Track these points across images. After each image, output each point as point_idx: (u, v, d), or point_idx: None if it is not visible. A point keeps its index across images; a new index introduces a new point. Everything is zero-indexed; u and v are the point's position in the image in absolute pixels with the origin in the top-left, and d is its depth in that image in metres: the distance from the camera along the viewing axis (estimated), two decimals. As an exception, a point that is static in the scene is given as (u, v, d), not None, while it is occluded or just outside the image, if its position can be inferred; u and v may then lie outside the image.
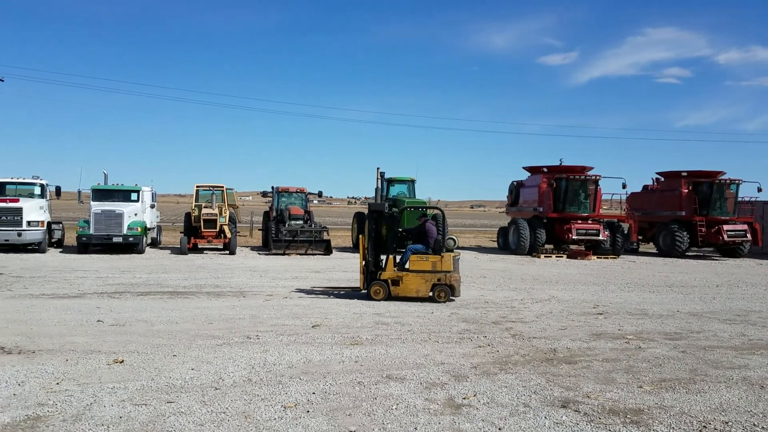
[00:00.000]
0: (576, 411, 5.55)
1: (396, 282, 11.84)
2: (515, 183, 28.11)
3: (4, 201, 19.94)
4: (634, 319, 10.46)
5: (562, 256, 24.22)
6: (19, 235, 19.67)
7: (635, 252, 28.01)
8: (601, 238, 24.43)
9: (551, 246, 25.29)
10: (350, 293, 12.65)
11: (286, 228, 22.68)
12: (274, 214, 24.63)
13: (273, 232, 23.18)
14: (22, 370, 6.33)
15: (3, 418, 4.94)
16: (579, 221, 24.66)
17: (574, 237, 24.29)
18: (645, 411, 5.60)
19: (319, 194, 28.09)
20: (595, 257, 24.04)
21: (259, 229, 28.29)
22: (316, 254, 22.35)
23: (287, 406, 5.44)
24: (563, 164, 26.06)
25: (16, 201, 20.12)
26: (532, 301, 12.38)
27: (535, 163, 26.93)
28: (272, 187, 25.99)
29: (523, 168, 27.58)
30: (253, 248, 25.52)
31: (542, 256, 23.89)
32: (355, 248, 25.68)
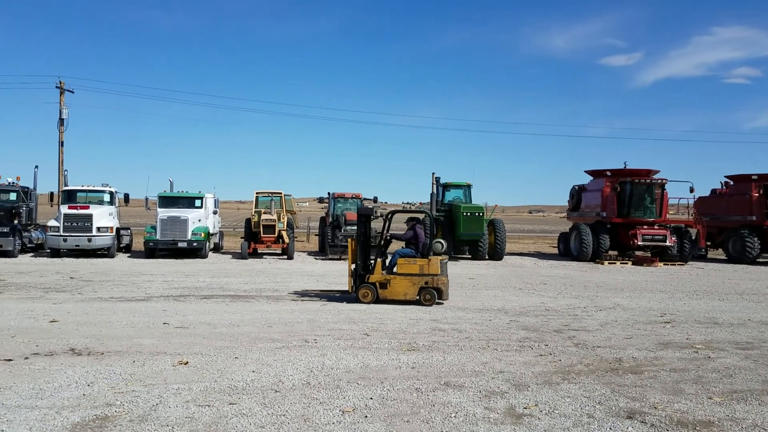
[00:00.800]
0: (642, 422, 5.34)
1: (384, 285, 11.88)
2: (577, 187, 27.44)
3: (75, 208, 20.88)
4: (703, 328, 10.00)
5: (626, 263, 23.48)
6: (90, 240, 20.57)
7: (703, 258, 26.86)
8: (667, 244, 23.55)
9: (615, 252, 24.57)
10: (333, 297, 12.58)
11: (342, 233, 22.87)
12: (331, 219, 24.90)
13: (329, 237, 23.45)
14: (91, 371, 6.58)
15: (73, 418, 5.14)
16: (644, 226, 23.86)
17: (639, 243, 23.51)
18: (715, 423, 5.35)
19: (375, 200, 28.21)
20: (661, 264, 23.19)
21: (315, 235, 28.68)
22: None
23: (345, 411, 5.44)
24: (627, 167, 25.27)
25: (87, 208, 21.05)
26: (596, 309, 12.02)
27: (597, 166, 26.26)
28: (328, 193, 26.30)
29: (585, 172, 26.93)
30: (310, 253, 25.85)
31: (606, 262, 23.22)
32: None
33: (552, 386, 6.41)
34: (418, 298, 11.77)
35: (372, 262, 12.15)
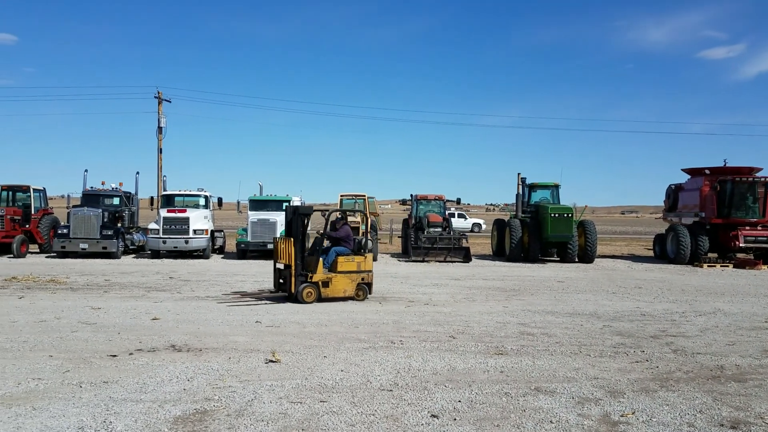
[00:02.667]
0: (750, 435, 5.00)
1: (326, 283, 11.94)
2: (673, 186, 26.09)
3: (174, 212, 22.03)
4: (819, 337, 9.25)
5: (727, 266, 22.09)
6: (186, 242, 21.63)
7: (816, 262, 24.80)
8: (773, 245, 21.96)
9: (715, 254, 23.17)
10: (266, 297, 12.45)
11: (425, 235, 22.86)
12: (413, 221, 24.94)
13: (412, 239, 23.47)
14: (190, 366, 6.92)
15: (174, 411, 5.42)
16: (747, 227, 22.37)
17: (741, 245, 22.08)
18: (837, 441, 4.93)
19: (458, 201, 28.01)
20: (765, 267, 21.67)
21: (398, 237, 28.80)
22: (455, 261, 22.28)
23: (434, 413, 5.43)
24: (728, 165, 23.78)
25: (184, 211, 22.15)
26: (695, 314, 11.38)
27: (695, 165, 24.84)
28: (411, 195, 26.35)
29: (683, 170, 25.56)
30: (392, 255, 26.01)
31: (705, 265, 21.94)
32: (495, 256, 25.29)
33: (649, 394, 6.13)
34: (353, 294, 12.11)
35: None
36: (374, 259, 22.53)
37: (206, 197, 23.86)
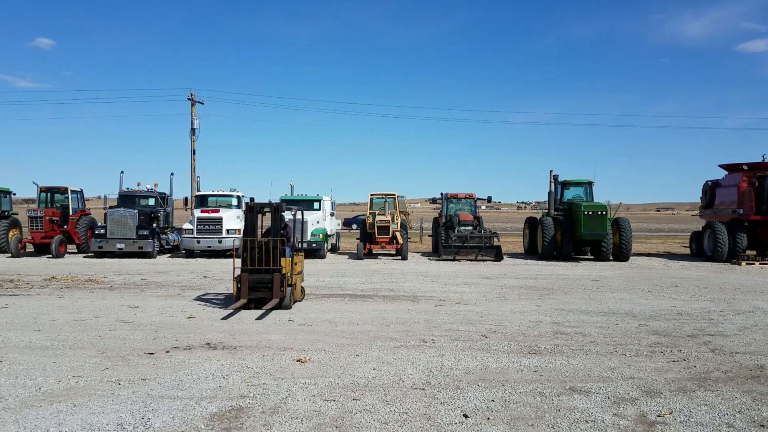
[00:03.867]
0: (796, 439, 4.87)
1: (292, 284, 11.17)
2: (710, 183, 25.50)
3: (207, 212, 22.38)
4: None
5: (766, 263, 21.49)
6: (220, 242, 21.95)
7: None
8: (816, 242, 21.29)
9: (753, 252, 22.57)
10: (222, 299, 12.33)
11: (456, 234, 22.76)
12: (444, 220, 24.86)
13: (443, 238, 23.40)
14: (225, 364, 7.02)
15: (211, 408, 5.51)
16: (787, 224, 21.71)
17: (781, 242, 21.44)
18: None
19: (488, 200, 27.81)
20: (809, 265, 21.01)
21: (429, 235, 28.75)
22: (486, 260, 22.14)
23: (467, 413, 5.42)
24: (766, 161, 23.13)
25: (217, 212, 22.49)
26: (734, 312, 11.11)
27: (733, 160, 24.21)
28: (441, 194, 26.28)
29: (720, 166, 24.95)
30: (423, 254, 25.97)
31: (743, 263, 21.39)
32: (527, 254, 25.06)
33: (687, 393, 6.01)
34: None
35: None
36: (404, 258, 22.60)
37: (238, 197, 24.16)
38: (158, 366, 6.94)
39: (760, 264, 21.42)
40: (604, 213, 21.97)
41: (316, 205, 23.68)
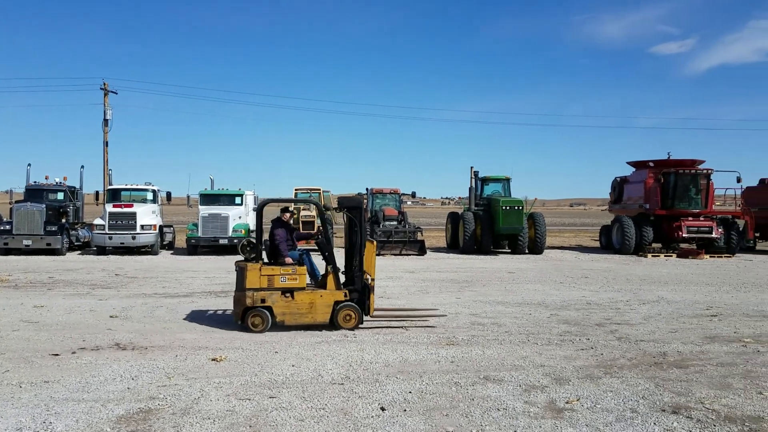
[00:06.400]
0: (688, 417, 5.19)
1: None
2: (618, 179, 26.85)
3: (120, 206, 21.42)
4: (751, 321, 9.68)
5: (671, 256, 22.87)
6: (134, 238, 21.06)
7: (752, 250, 25.99)
8: (714, 235, 22.87)
9: (659, 245, 23.96)
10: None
11: (381, 229, 22.89)
12: (369, 215, 24.93)
13: (368, 232, 23.45)
14: (135, 365, 6.74)
15: (118, 411, 5.27)
16: (689, 218, 23.20)
17: (684, 235, 22.89)
18: (765, 419, 5.18)
19: (413, 195, 28.15)
20: (707, 256, 22.52)
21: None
22: (410, 254, 22.39)
23: (384, 405, 5.44)
24: (671, 158, 24.60)
25: (131, 206, 21.54)
26: (639, 302, 11.74)
27: (646, 158, 25.58)
28: (366, 189, 26.35)
29: (628, 163, 26.30)
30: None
31: (649, 255, 22.66)
32: (450, 248, 25.53)
33: (594, 380, 6.29)
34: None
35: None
36: (328, 253, 22.47)
37: (154, 191, 23.24)
38: (63, 368, 6.59)
39: (665, 256, 22.75)
40: (520, 208, 22.68)
41: (238, 199, 23.14)
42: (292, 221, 10.10)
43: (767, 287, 14.17)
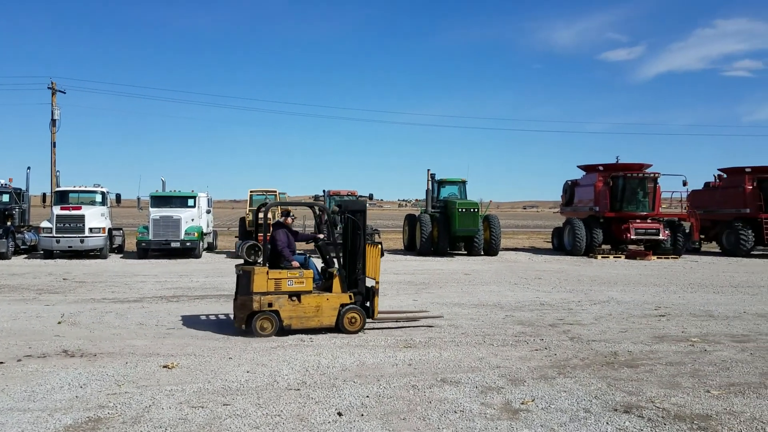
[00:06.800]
0: (639, 416, 5.32)
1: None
2: (570, 182, 27.48)
3: (68, 209, 20.73)
4: (698, 321, 10.01)
5: (620, 257, 23.52)
6: (82, 241, 20.42)
7: (697, 252, 26.93)
8: (661, 237, 23.60)
9: (608, 246, 24.59)
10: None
11: (338, 231, 22.78)
12: (326, 217, 24.77)
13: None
14: (84, 372, 6.51)
15: (65, 420, 5.08)
16: (638, 220, 23.90)
17: (632, 237, 23.54)
18: (713, 417, 5.33)
19: (370, 197, 28.11)
20: (655, 257, 23.24)
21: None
22: (367, 257, 22.35)
23: (341, 410, 5.40)
24: (620, 162, 25.32)
25: (79, 209, 20.89)
26: (590, 303, 12.01)
27: (591, 162, 26.25)
28: (323, 191, 26.20)
29: (578, 167, 26.95)
30: (306, 251, 25.73)
31: (599, 256, 23.25)
32: (407, 250, 25.62)
33: (548, 381, 6.38)
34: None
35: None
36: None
37: (103, 193, 22.58)
38: (7, 376, 6.33)
39: (614, 257, 23.38)
40: (476, 210, 22.95)
41: (190, 202, 22.67)
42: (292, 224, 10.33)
43: (712, 288, 14.70)
